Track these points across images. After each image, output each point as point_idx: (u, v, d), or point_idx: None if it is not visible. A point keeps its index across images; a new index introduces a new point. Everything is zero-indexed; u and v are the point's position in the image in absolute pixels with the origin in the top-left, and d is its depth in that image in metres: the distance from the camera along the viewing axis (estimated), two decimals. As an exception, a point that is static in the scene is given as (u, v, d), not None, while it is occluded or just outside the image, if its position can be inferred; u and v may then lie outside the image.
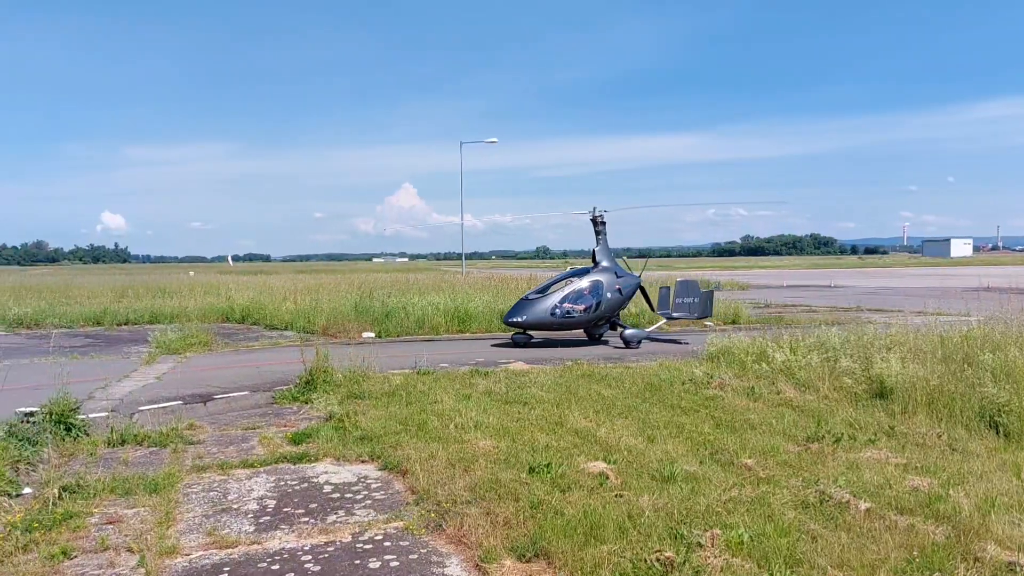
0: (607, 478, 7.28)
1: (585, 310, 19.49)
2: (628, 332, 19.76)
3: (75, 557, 5.98)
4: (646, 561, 5.35)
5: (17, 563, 5.79)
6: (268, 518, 6.77)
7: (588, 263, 20.92)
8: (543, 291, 20.01)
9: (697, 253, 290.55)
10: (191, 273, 62.12)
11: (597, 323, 20.34)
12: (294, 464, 8.51)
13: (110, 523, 6.68)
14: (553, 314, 19.14)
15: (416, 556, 5.83)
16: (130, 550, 6.05)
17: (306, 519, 6.73)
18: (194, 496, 7.46)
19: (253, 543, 6.19)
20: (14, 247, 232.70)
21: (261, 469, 8.35)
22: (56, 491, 7.28)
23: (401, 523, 6.54)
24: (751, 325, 22.78)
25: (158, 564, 5.77)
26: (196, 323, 23.71)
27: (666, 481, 7.19)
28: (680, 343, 19.94)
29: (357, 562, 5.74)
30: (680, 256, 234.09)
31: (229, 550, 6.05)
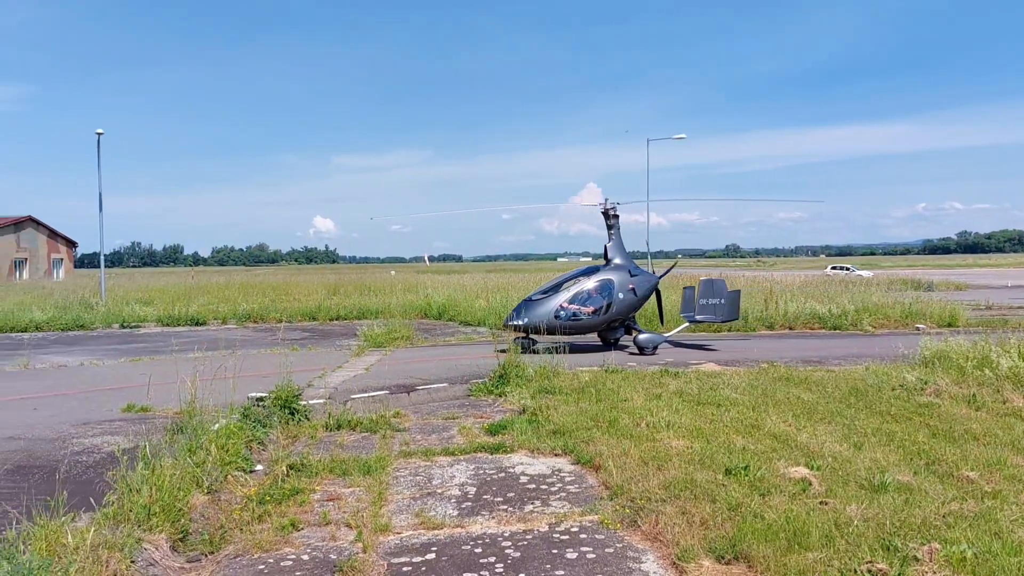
0: (810, 484, 6.98)
1: (594, 312, 17.75)
2: (642, 337, 17.87)
3: (302, 529, 6.60)
4: (856, 572, 5.09)
5: (255, 531, 6.49)
6: (469, 504, 7.11)
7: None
8: (548, 291, 18.26)
9: (906, 251, 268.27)
10: (392, 272, 65.97)
11: (610, 326, 18.46)
12: (491, 454, 8.87)
13: (330, 500, 7.31)
14: (558, 316, 17.45)
15: (612, 550, 5.90)
16: (348, 526, 6.59)
17: (504, 507, 7.00)
18: (402, 479, 7.98)
19: (457, 526, 6.53)
20: (240, 249, 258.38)
21: (461, 457, 8.78)
22: (284, 469, 8.07)
23: (596, 516, 6.64)
24: (970, 328, 20.75)
25: (373, 540, 6.24)
26: (398, 319, 25.20)
27: (876, 490, 6.77)
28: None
29: (554, 551, 5.90)
30: (886, 254, 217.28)
31: (435, 531, 6.43)
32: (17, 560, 4.80)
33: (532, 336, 17.74)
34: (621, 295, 18.03)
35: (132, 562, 5.66)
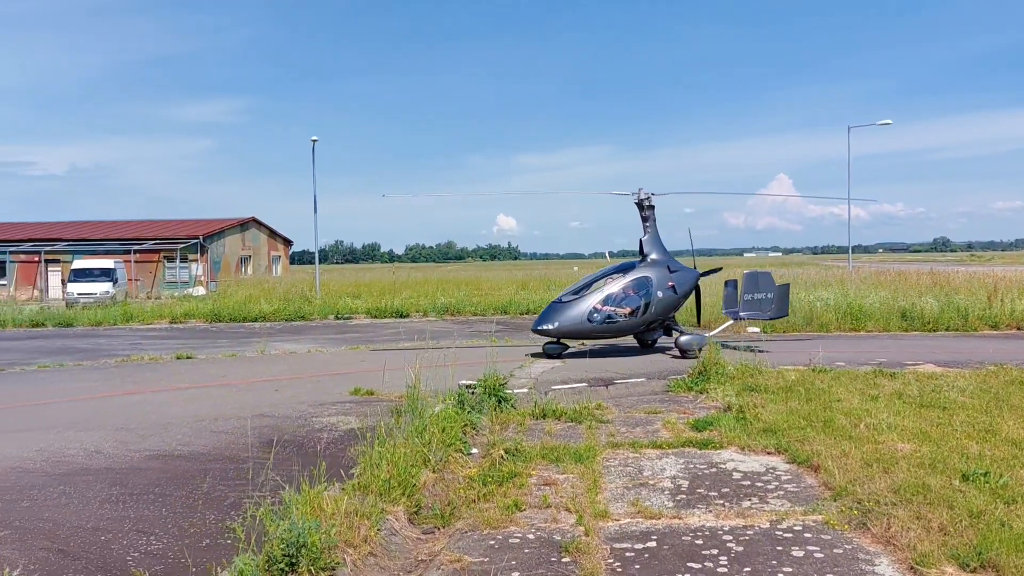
0: (1062, 496, 6.42)
1: (632, 313, 16.34)
2: (684, 339, 16.54)
3: (524, 510, 6.95)
4: None
5: (482, 509, 6.93)
6: (684, 496, 7.18)
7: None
8: (579, 292, 16.96)
9: None
10: (575, 268, 66.67)
11: (649, 328, 17.09)
12: (699, 449, 8.86)
13: (546, 484, 7.64)
14: (591, 319, 16.04)
15: (840, 551, 5.75)
16: (568, 510, 6.87)
17: (720, 501, 7.00)
18: (612, 469, 8.17)
19: (674, 517, 6.62)
20: (430, 247, 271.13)
21: (669, 451, 8.84)
22: (501, 452, 8.53)
23: (819, 516, 6.49)
24: None
25: (594, 524, 6.48)
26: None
27: None
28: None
29: (779, 548, 5.85)
30: None
31: (653, 520, 6.56)
32: (292, 519, 5.47)
33: (563, 342, 16.64)
34: (660, 293, 16.61)
35: (378, 530, 6.26)
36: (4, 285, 49.26)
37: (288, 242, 66.74)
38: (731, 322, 18.34)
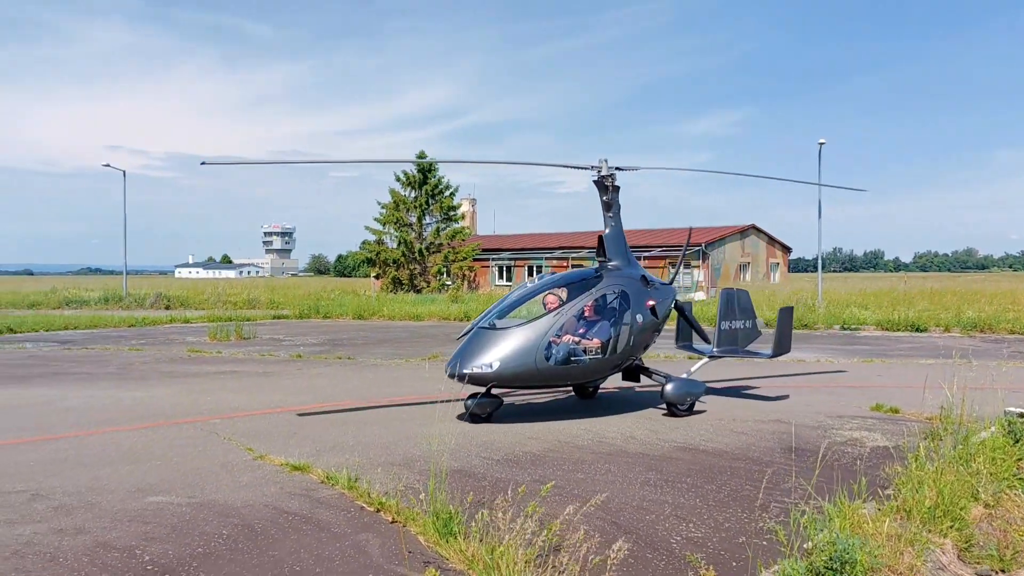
0: None
1: (603, 347, 10.89)
2: (674, 386, 11.10)
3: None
4: None
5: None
6: None
7: None
8: (511, 310, 11.25)
9: None
10: None
11: (618, 368, 11.47)
12: None
13: None
14: (549, 356, 10.41)
15: None
16: None
17: None
18: None
19: None
20: (944, 254, 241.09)
21: None
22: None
23: None
24: None
25: None
26: None
27: None
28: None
29: None
30: None
31: None
32: (835, 532, 5.32)
33: (494, 392, 10.60)
34: (640, 318, 11.29)
35: (924, 560, 5.71)
36: (540, 287, 57.94)
37: (787, 249, 65.72)
38: (705, 360, 12.51)
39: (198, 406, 11.95)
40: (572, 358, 10.58)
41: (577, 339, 10.79)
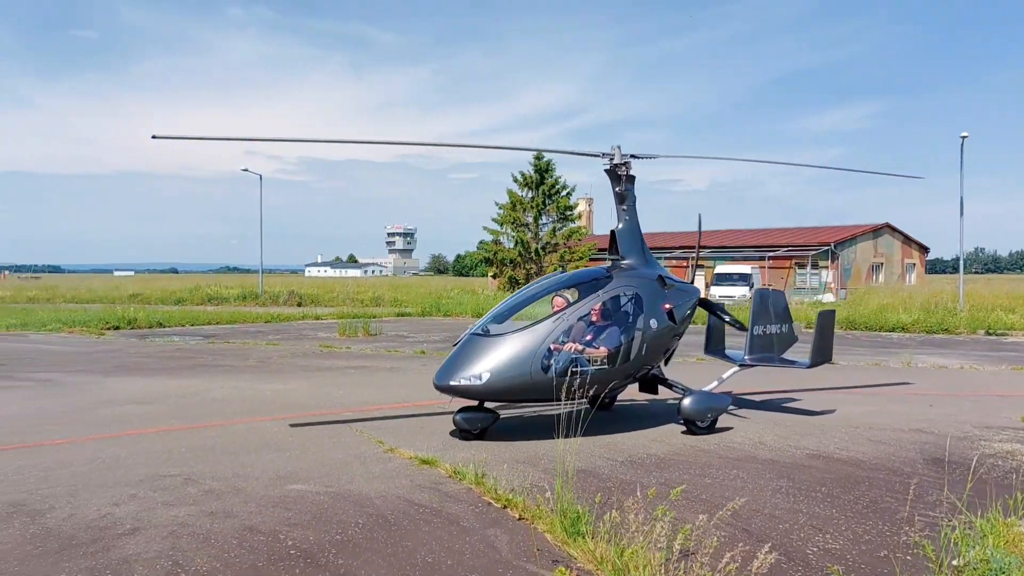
0: None
1: (611, 355, 9.61)
2: (693, 400, 9.88)
3: None
4: None
5: None
6: None
7: None
8: (511, 314, 10.18)
9: None
10: None
11: (630, 378, 10.21)
12: None
13: None
14: (546, 367, 9.21)
15: None
16: None
17: None
18: None
19: None
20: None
21: None
22: None
23: None
24: None
25: None
26: None
27: None
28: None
29: None
30: None
31: None
32: (989, 550, 4.99)
33: (488, 406, 9.60)
34: (654, 322, 10.04)
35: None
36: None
37: (924, 249, 61.99)
38: (736, 368, 11.01)
39: (331, 399, 12.50)
40: (573, 368, 9.21)
41: (581, 346, 9.66)
